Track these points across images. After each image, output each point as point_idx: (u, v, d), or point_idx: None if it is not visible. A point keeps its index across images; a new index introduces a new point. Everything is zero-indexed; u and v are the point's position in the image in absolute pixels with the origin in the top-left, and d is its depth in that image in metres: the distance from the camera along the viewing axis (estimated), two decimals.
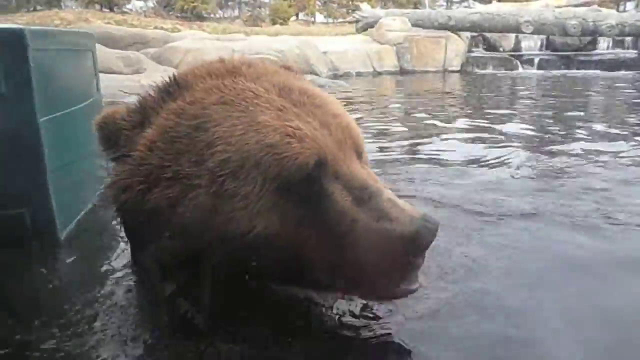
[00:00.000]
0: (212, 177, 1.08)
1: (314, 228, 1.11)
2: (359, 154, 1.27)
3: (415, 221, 1.09)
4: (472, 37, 17.17)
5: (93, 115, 2.42)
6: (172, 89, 1.26)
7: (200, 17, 24.22)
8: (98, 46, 11.46)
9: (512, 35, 16.83)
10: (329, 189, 1.12)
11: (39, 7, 23.90)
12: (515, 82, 12.36)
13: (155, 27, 18.68)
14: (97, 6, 24.82)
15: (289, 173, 1.09)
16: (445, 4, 30.81)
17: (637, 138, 4.27)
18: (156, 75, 7.92)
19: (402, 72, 14.93)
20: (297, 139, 1.11)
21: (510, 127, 4.99)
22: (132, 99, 5.88)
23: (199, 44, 11.39)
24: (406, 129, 5.00)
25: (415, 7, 25.92)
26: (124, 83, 9.08)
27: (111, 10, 23.82)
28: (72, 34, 2.34)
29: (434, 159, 3.58)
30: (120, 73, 9.75)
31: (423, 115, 6.21)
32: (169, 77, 1.31)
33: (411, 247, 1.08)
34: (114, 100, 7.43)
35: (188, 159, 1.10)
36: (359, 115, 6.13)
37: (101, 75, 11.28)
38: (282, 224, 1.09)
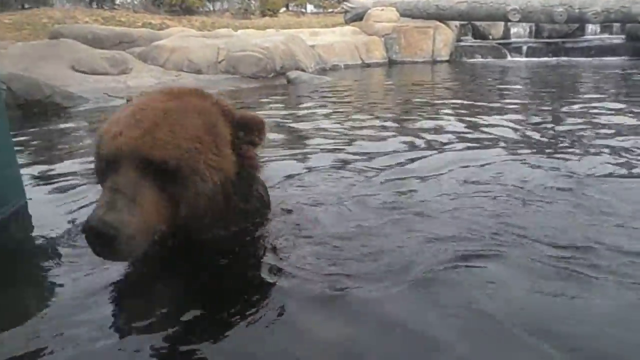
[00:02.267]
0: None
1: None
2: None
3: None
4: (461, 25, 17.19)
5: None
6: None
7: (189, 11, 24.07)
8: (84, 47, 11.39)
9: (501, 23, 16.85)
10: None
11: (27, 5, 23.72)
12: (504, 72, 12.42)
13: (144, 24, 18.61)
14: (86, 2, 24.69)
15: None
16: None
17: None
18: (143, 75, 7.98)
19: (391, 63, 14.98)
20: None
21: (501, 130, 4.68)
22: (118, 102, 5.94)
23: (185, 42, 11.38)
24: (390, 132, 4.83)
25: None
26: (110, 84, 9.12)
27: (100, 6, 23.66)
28: None
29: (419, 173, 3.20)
30: (106, 74, 9.77)
31: (407, 116, 6.28)
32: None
33: None
34: (99, 105, 7.53)
35: None
36: (341, 111, 6.21)
37: (87, 77, 11.16)
38: None
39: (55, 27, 14.17)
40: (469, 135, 4.53)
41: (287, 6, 28.75)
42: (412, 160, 3.63)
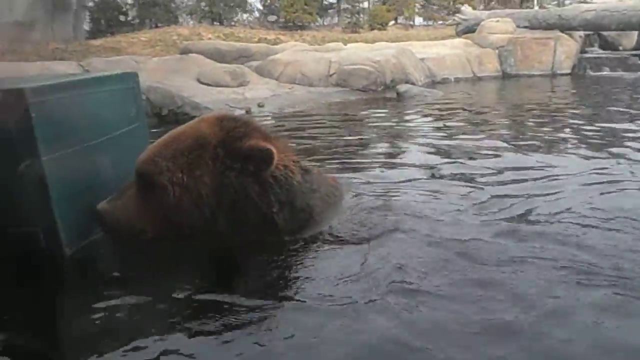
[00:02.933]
0: None
1: None
2: None
3: None
4: (586, 36, 15.86)
5: (123, 144, 2.59)
6: None
7: (301, 27, 25.10)
8: (209, 61, 12.39)
9: (635, 32, 15.28)
10: None
11: (159, 24, 26.43)
12: (638, 86, 11.21)
13: (260, 39, 19.75)
14: (209, 20, 26.92)
15: None
16: (556, 0, 28.65)
17: None
18: (259, 88, 8.53)
19: (505, 76, 14.23)
20: None
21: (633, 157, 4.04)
22: (237, 113, 6.29)
23: (298, 56, 11.88)
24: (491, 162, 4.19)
25: (521, 6, 24.43)
26: (230, 96, 9.81)
27: (221, 24, 25.63)
28: (93, 81, 2.58)
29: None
30: (227, 86, 10.51)
31: (522, 133, 5.95)
32: None
33: None
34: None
35: None
36: (450, 125, 6.03)
37: (211, 89, 12.16)
38: None
39: (184, 43, 15.59)
40: (593, 160, 4.07)
41: (395, 19, 28.74)
42: (523, 181, 3.40)
